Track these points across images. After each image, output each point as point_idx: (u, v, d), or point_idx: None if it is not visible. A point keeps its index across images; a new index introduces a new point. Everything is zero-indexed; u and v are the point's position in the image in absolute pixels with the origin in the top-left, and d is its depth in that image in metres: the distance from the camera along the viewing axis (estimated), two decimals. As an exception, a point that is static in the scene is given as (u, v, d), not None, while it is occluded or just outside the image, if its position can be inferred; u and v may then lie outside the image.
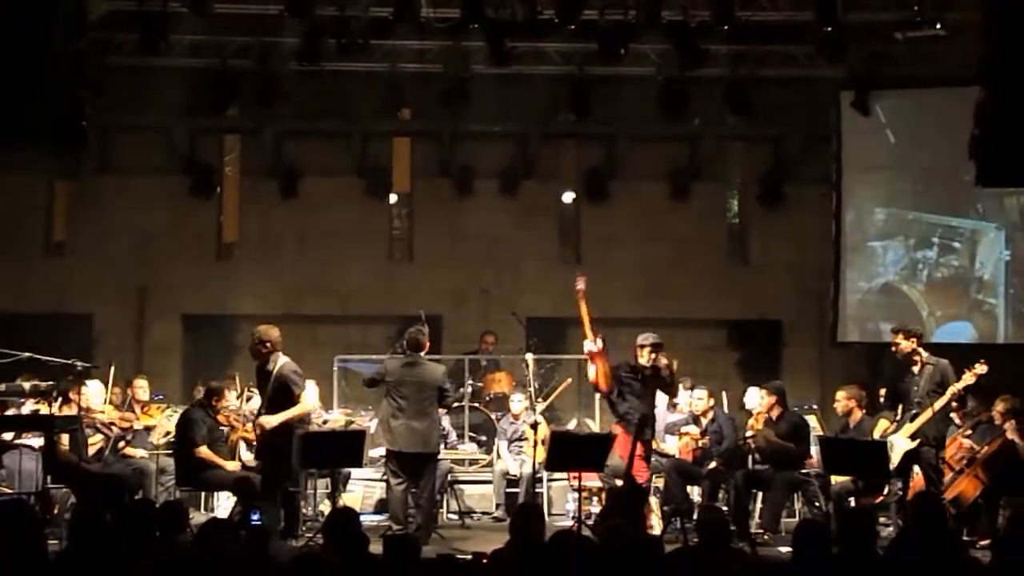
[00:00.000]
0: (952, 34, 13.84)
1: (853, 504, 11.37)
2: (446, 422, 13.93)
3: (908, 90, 15.02)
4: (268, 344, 11.01)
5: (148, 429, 12.96)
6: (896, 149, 15.05)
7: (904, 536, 7.94)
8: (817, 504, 11.96)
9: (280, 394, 10.92)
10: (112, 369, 13.06)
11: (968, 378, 11.04)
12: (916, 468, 11.25)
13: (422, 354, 11.87)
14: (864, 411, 12.49)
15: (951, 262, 13.85)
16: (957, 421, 12.04)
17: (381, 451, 13.01)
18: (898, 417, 11.47)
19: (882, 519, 11.57)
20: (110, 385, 12.84)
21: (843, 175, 16.09)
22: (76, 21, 10.83)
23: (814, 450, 12.31)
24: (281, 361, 11.00)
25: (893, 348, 11.48)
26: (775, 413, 12.28)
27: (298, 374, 11.06)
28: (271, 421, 10.86)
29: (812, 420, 13.63)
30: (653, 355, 11.60)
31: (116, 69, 15.66)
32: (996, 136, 11.32)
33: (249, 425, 11.88)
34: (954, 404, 11.68)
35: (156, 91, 16.49)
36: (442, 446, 13.48)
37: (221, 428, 12.01)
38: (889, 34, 14.31)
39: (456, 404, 14.76)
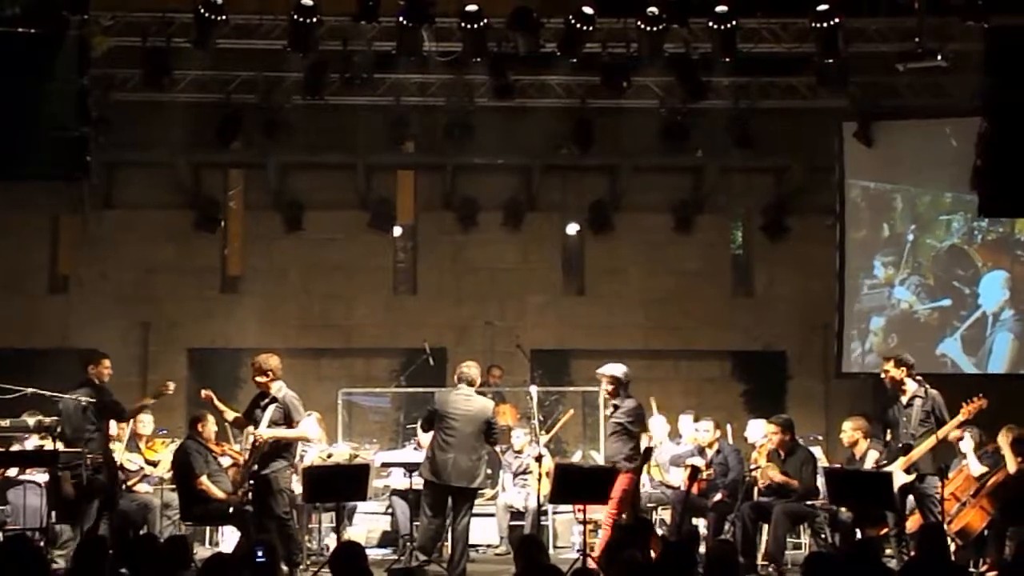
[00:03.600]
0: (954, 65, 13.87)
1: (860, 535, 11.32)
2: None
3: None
4: (269, 372, 11.06)
5: (152, 464, 12.92)
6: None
7: (910, 568, 7.90)
8: (823, 536, 11.90)
9: (281, 418, 10.94)
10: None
11: (964, 414, 11.07)
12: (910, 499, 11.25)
13: (472, 389, 11.61)
14: (870, 442, 12.44)
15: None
16: (967, 451, 11.93)
17: (384, 483, 13.01)
18: (886, 446, 11.49)
19: (888, 551, 11.53)
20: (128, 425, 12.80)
21: (847, 199, 16.60)
22: (80, 58, 10.90)
23: (820, 481, 12.25)
24: (284, 389, 11.05)
25: (883, 375, 11.51)
26: (782, 449, 12.24)
27: (298, 401, 11.11)
28: (266, 434, 10.86)
29: (818, 451, 13.59)
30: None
31: (120, 105, 15.71)
32: (998, 167, 11.38)
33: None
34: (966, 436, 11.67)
35: (160, 126, 16.53)
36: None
37: (218, 460, 11.97)
38: (891, 65, 14.32)
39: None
